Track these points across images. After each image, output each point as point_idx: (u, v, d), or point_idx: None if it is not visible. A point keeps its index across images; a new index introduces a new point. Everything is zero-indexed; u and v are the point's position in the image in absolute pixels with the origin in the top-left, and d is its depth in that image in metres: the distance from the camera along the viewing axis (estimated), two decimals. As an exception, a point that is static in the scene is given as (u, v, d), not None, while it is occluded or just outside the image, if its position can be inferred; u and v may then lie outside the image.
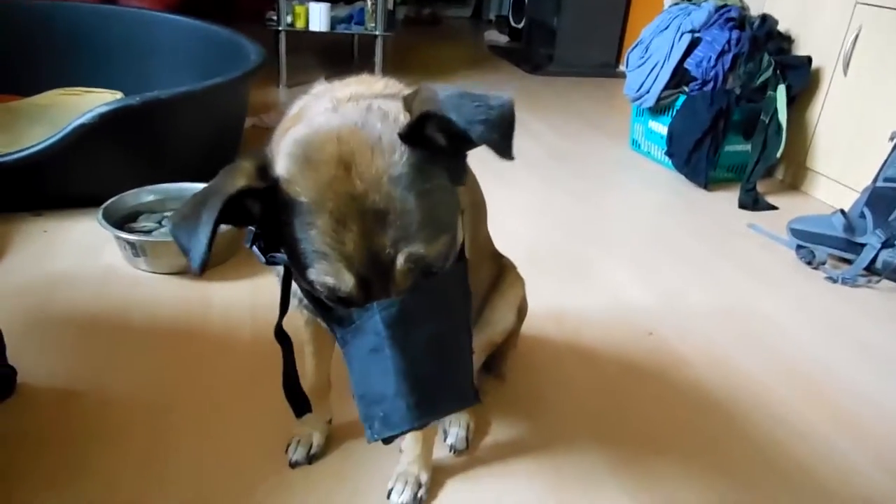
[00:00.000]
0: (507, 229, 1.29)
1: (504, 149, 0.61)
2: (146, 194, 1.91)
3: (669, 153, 2.73)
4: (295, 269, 0.70)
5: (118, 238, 1.70)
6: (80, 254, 1.79)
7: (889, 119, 2.29)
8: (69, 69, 2.78)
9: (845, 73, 2.50)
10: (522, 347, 1.44)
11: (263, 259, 0.74)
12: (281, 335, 0.87)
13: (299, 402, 0.95)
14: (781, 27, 2.71)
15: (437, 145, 0.67)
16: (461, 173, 0.72)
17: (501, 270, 1.27)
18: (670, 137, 2.70)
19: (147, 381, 1.35)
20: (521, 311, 1.30)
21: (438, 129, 0.66)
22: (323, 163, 0.65)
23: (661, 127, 2.82)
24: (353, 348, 0.70)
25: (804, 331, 1.74)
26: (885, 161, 2.14)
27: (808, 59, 2.60)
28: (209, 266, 1.69)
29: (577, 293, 1.81)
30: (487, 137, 0.60)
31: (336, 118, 0.68)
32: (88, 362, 1.39)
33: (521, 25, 5.25)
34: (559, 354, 1.54)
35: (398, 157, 0.65)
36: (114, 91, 2.69)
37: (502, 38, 5.53)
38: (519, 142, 0.62)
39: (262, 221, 0.69)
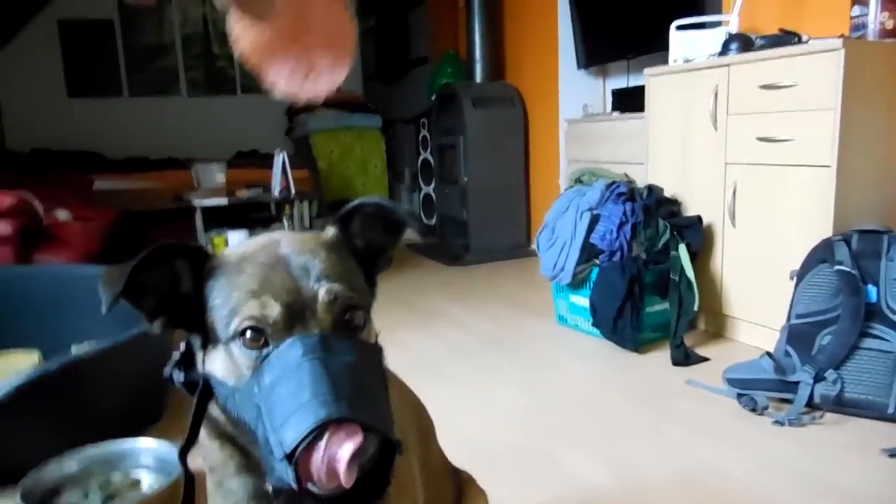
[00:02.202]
0: (455, 433, 1.27)
1: (417, 224, 0.84)
2: (69, 463, 1.77)
3: (595, 324, 2.82)
4: (217, 338, 0.71)
5: (38, 522, 1.55)
6: (-4, 546, 1.62)
7: (783, 259, 2.47)
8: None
9: (734, 225, 2.73)
10: (492, 563, 1.35)
11: (182, 379, 0.75)
12: (186, 463, 0.80)
13: None
14: (668, 193, 2.97)
15: (357, 248, 0.80)
16: (374, 285, 0.83)
17: (461, 487, 1.22)
18: (593, 309, 2.80)
19: None
20: (487, 527, 1.23)
21: (360, 233, 0.81)
22: (254, 241, 0.77)
23: (582, 300, 2.93)
24: (266, 387, 0.65)
25: (764, 481, 1.72)
26: (792, 299, 2.27)
27: (699, 218, 2.83)
28: None
29: (538, 490, 1.74)
30: (407, 218, 0.84)
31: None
32: None
33: (433, 222, 5.53)
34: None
35: (324, 235, 0.79)
36: (31, 350, 2.60)
37: (417, 236, 5.78)
38: (451, 334, 0.66)
39: (189, 300, 0.73)
